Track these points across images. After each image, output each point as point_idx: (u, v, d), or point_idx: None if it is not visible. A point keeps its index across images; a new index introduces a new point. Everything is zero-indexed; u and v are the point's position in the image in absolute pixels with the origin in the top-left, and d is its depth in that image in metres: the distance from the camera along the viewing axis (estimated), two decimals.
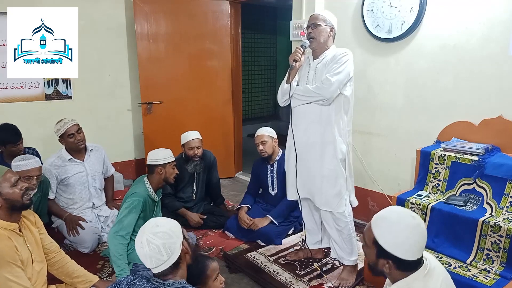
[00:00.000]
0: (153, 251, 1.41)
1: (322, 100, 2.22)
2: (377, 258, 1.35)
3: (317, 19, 2.29)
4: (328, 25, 2.29)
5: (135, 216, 2.39)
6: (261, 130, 3.09)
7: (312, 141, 2.30)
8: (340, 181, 2.29)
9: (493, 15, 2.41)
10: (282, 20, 7.15)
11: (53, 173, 2.91)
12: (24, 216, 1.95)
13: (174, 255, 1.45)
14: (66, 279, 2.13)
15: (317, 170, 2.31)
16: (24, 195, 1.84)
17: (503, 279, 1.95)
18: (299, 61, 2.29)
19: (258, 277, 2.51)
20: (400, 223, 1.32)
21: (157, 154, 2.54)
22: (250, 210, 3.14)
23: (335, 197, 2.30)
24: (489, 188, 2.24)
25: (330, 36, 2.31)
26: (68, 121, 2.92)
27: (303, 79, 2.35)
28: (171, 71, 4.15)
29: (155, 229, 1.45)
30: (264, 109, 8.05)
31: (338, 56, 2.23)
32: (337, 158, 2.27)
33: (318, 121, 2.27)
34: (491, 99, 2.48)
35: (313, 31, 2.29)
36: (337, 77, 2.17)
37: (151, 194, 2.52)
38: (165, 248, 1.42)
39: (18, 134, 2.98)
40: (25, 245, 1.88)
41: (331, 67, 2.22)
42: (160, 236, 1.43)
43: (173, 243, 1.45)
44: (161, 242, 1.42)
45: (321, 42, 2.29)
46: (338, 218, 2.35)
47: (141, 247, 1.43)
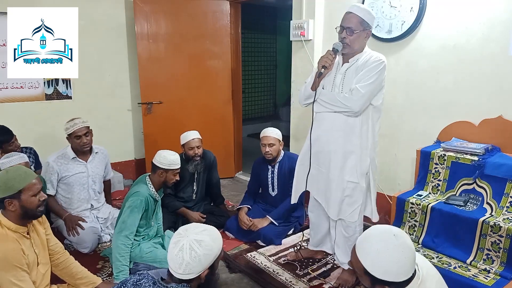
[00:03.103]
0: (194, 260, 1.35)
1: (349, 112, 2.04)
2: (372, 285, 1.32)
3: (354, 23, 2.00)
4: (366, 29, 2.03)
5: (137, 216, 2.38)
6: (269, 131, 3.00)
7: (333, 150, 2.16)
8: (358, 194, 2.19)
9: (493, 15, 2.41)
10: (282, 20, 7.15)
11: (55, 168, 2.91)
12: None
13: (203, 269, 1.40)
14: (69, 280, 2.13)
15: (335, 181, 2.19)
16: (39, 206, 1.84)
17: (503, 279, 1.95)
18: (328, 68, 2.08)
19: (258, 277, 2.51)
20: (385, 249, 1.26)
21: (165, 158, 2.48)
22: (250, 210, 3.14)
23: (349, 207, 2.22)
24: (489, 188, 2.24)
25: (365, 39, 2.07)
26: (78, 122, 2.90)
27: (329, 83, 2.15)
28: (171, 71, 4.15)
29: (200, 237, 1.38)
30: (264, 109, 8.05)
31: (372, 63, 2.01)
32: (358, 171, 2.14)
33: (342, 130, 2.11)
34: (491, 99, 2.48)
35: (348, 37, 2.02)
36: (369, 88, 1.97)
37: (153, 194, 2.52)
38: (206, 260, 1.37)
39: (9, 132, 2.99)
40: (32, 248, 1.88)
41: (363, 75, 2.00)
42: (204, 246, 1.37)
43: (210, 256, 1.40)
44: (203, 253, 1.36)
45: (355, 49, 2.07)
46: (348, 226, 2.29)
47: (180, 250, 1.36)
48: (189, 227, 1.44)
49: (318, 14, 3.29)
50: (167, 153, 2.53)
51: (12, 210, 1.77)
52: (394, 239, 1.28)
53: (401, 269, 1.27)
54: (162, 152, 2.53)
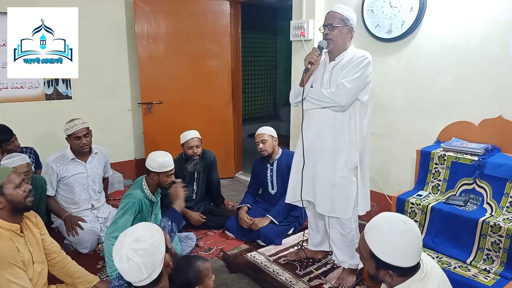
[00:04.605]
0: (133, 269, 1.33)
1: (336, 107, 2.12)
2: (377, 270, 1.35)
3: (335, 19, 2.12)
4: (347, 25, 2.13)
5: (129, 218, 2.37)
6: (262, 129, 3.09)
7: (324, 147, 2.21)
8: (350, 189, 2.22)
9: (493, 15, 2.41)
10: (282, 20, 7.15)
11: (55, 169, 2.92)
12: (26, 217, 1.95)
13: (155, 272, 1.38)
14: (67, 280, 2.13)
15: (327, 177, 2.23)
16: (27, 197, 1.84)
17: (503, 279, 1.95)
18: (315, 64, 2.16)
19: (258, 277, 2.51)
20: (392, 231, 1.31)
21: (154, 161, 2.43)
22: (250, 209, 3.14)
23: (343, 204, 2.24)
24: (489, 188, 2.24)
25: (349, 36, 2.17)
26: (78, 123, 2.91)
27: (318, 80, 2.23)
28: (171, 71, 4.15)
29: (135, 245, 1.35)
30: (264, 109, 8.05)
31: (356, 59, 2.10)
32: (347, 166, 2.19)
33: (330, 126, 2.17)
34: (491, 99, 2.48)
35: (330, 33, 2.13)
36: (354, 83, 2.06)
37: (148, 195, 2.51)
38: (145, 267, 1.34)
39: (8, 131, 2.99)
40: (26, 246, 1.88)
41: (349, 71, 2.09)
42: (141, 254, 1.34)
43: (154, 260, 1.37)
44: (142, 260, 1.33)
45: (338, 44, 2.16)
46: (344, 223, 2.31)
47: (120, 261, 1.35)
48: (123, 238, 1.39)
49: (318, 14, 3.30)
50: (157, 155, 2.46)
51: (0, 207, 1.78)
52: (402, 224, 1.32)
53: (406, 254, 1.29)
54: (152, 155, 2.47)
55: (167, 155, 2.50)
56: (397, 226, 1.32)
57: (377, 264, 1.34)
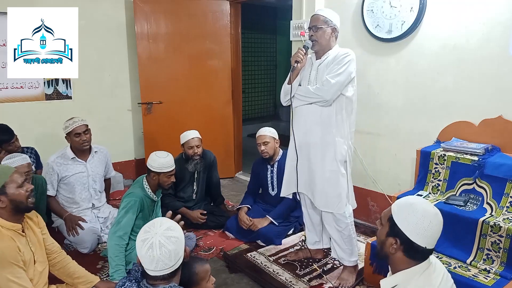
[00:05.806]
0: (164, 255, 1.37)
1: (322, 102, 2.21)
2: (386, 237, 1.36)
3: (318, 21, 2.25)
4: (330, 26, 2.25)
5: (132, 217, 2.38)
6: (263, 130, 3.08)
7: (313, 142, 2.29)
8: (341, 182, 2.28)
9: (493, 15, 2.41)
10: (282, 20, 7.16)
11: (55, 169, 2.92)
12: (27, 217, 1.95)
13: (179, 261, 1.43)
14: (67, 280, 2.13)
15: (318, 172, 2.30)
16: (29, 197, 1.84)
17: (503, 279, 1.95)
18: (301, 62, 2.28)
19: (258, 277, 2.51)
20: (417, 204, 1.34)
21: (155, 161, 2.45)
22: (250, 210, 3.14)
23: (335, 198, 2.29)
24: (489, 188, 2.24)
25: (333, 36, 2.28)
26: (77, 120, 2.93)
27: (305, 79, 2.34)
28: (171, 71, 4.15)
29: (169, 233, 1.40)
30: (264, 109, 8.05)
31: (339, 57, 2.21)
32: (336, 160, 2.26)
33: (318, 122, 2.26)
34: (491, 99, 2.48)
35: (315, 34, 2.25)
36: (338, 78, 2.16)
37: (149, 194, 2.51)
38: (175, 255, 1.39)
39: (9, 131, 2.99)
40: (28, 245, 1.88)
41: (332, 68, 2.20)
42: (174, 241, 1.39)
43: (181, 250, 1.43)
44: (174, 247, 1.38)
45: (323, 44, 2.27)
46: (338, 219, 2.35)
47: (151, 248, 1.37)
48: (154, 226, 1.43)
49: None
50: (158, 155, 2.48)
51: (2, 207, 1.78)
52: (431, 206, 1.36)
53: (421, 230, 1.29)
54: (154, 155, 2.50)
55: (168, 156, 2.51)
56: (425, 204, 1.35)
57: (390, 229, 1.34)
